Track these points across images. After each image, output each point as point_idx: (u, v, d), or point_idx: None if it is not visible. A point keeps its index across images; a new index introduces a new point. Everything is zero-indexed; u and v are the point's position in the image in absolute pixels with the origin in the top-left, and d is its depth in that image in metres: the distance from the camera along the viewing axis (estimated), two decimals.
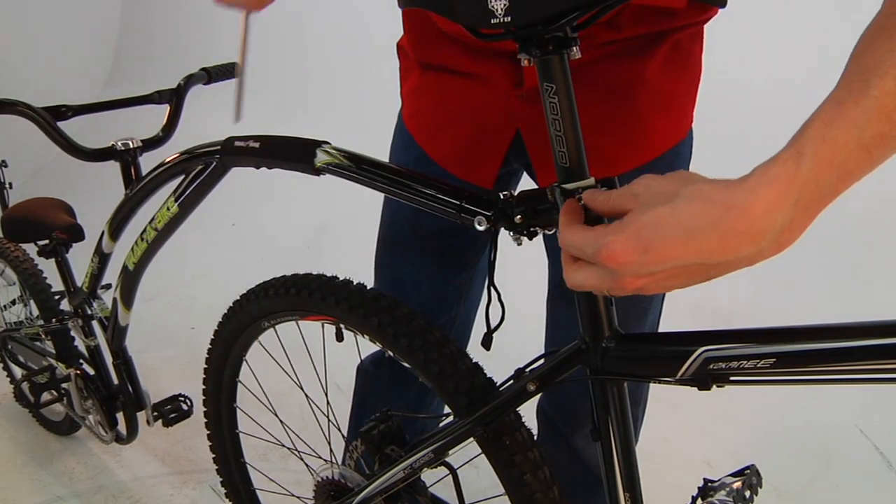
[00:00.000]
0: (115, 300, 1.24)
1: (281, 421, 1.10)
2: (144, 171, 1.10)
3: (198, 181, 0.94)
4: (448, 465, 0.81)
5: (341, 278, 0.85)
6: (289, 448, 1.12)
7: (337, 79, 3.33)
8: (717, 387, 0.57)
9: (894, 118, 0.40)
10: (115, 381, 1.46)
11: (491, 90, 0.85)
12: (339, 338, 0.88)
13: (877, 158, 0.41)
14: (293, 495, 1.18)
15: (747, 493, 0.66)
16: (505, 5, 0.57)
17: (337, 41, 3.32)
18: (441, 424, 0.79)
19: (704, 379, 0.56)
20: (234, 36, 0.89)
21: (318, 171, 0.77)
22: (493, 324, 0.71)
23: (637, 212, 0.46)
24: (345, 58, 3.29)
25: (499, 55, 0.83)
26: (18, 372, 1.85)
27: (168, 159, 0.99)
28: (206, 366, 1.07)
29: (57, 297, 1.59)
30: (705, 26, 0.84)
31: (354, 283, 0.84)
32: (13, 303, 1.80)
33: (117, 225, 1.17)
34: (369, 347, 0.90)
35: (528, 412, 0.79)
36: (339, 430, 1.04)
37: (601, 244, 0.47)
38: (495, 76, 0.84)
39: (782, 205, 0.42)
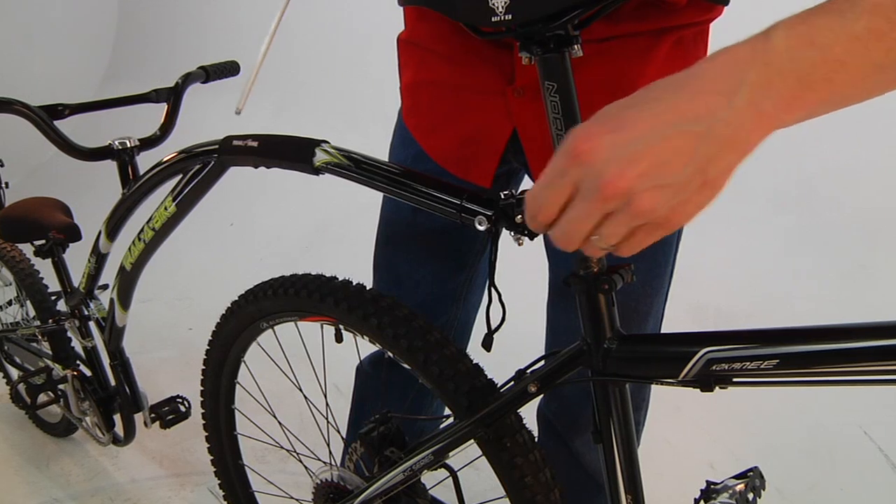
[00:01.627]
0: (112, 301, 1.23)
1: (279, 423, 1.09)
2: (142, 171, 1.10)
3: (196, 180, 0.94)
4: (448, 468, 0.80)
5: (341, 278, 0.85)
6: (287, 450, 1.11)
7: (336, 78, 3.33)
8: (720, 388, 0.56)
9: (894, 18, 0.39)
10: (113, 383, 1.45)
11: (487, 87, 0.84)
12: (339, 339, 0.87)
13: (877, 57, 0.39)
14: (292, 498, 1.17)
15: (750, 496, 0.66)
16: (506, 3, 0.56)
17: (336, 40, 3.31)
18: (441, 426, 0.79)
19: (707, 380, 0.56)
20: (233, 35, 0.87)
21: (317, 171, 0.77)
22: (494, 324, 0.70)
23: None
24: (344, 57, 3.28)
25: (492, 50, 0.82)
26: (14, 373, 1.84)
27: (166, 158, 0.98)
28: (204, 367, 1.07)
29: (53, 298, 1.58)
30: (711, 27, 0.83)
31: (354, 284, 0.83)
32: (9, 303, 1.79)
33: (114, 225, 1.17)
34: (369, 348, 0.89)
35: (529, 414, 0.78)
36: (339, 431, 1.04)
37: (566, 145, 0.43)
38: (487, 71, 0.83)
39: (744, 65, 0.41)
